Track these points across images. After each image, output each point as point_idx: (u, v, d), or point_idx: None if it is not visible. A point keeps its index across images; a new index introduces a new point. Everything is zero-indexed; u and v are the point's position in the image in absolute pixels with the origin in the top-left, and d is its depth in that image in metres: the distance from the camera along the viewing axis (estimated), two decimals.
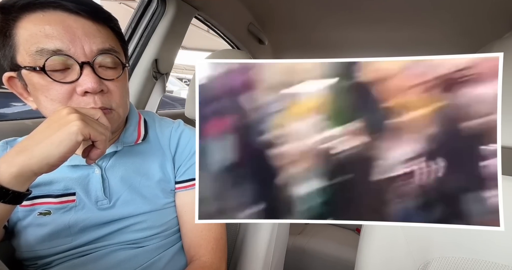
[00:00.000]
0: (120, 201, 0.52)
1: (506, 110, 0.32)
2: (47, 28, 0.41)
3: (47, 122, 0.39)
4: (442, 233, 0.52)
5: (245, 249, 0.67)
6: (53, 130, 0.38)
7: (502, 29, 1.08)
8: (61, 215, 0.49)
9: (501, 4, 0.98)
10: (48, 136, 0.37)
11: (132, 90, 0.96)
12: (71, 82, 0.43)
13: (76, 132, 0.37)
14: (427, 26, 1.20)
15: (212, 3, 1.07)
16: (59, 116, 0.39)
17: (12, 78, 0.45)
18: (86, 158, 0.43)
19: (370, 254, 0.56)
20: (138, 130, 0.56)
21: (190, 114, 0.83)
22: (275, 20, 1.35)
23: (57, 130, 0.37)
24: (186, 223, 0.56)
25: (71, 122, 0.38)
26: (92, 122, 0.40)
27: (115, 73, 0.47)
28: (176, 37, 1.03)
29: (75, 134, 0.37)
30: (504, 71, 0.30)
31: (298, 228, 1.35)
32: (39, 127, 0.39)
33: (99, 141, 0.41)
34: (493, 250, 0.49)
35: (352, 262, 0.60)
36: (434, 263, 0.52)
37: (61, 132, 0.37)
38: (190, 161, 0.57)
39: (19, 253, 0.49)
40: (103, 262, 0.50)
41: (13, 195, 0.36)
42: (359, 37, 1.40)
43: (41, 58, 0.41)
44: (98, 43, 0.44)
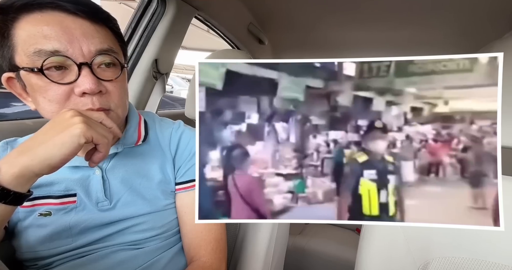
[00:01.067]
0: (121, 202, 0.52)
1: (506, 110, 0.32)
2: (45, 29, 0.41)
3: (51, 124, 0.39)
4: (442, 233, 0.52)
5: (245, 249, 0.67)
6: (56, 132, 0.38)
7: (502, 29, 1.08)
8: (62, 216, 0.49)
9: (501, 4, 0.98)
10: (51, 137, 0.37)
11: (132, 90, 0.96)
12: (69, 83, 0.43)
13: (79, 134, 0.38)
14: (427, 26, 1.20)
15: (212, 3, 1.07)
16: (62, 118, 0.39)
17: (11, 78, 0.45)
18: (89, 161, 0.43)
19: (370, 254, 0.56)
20: (138, 131, 0.56)
21: (190, 114, 0.83)
22: (275, 20, 1.35)
23: (60, 132, 0.38)
24: (186, 224, 0.56)
25: (75, 124, 0.38)
26: (95, 125, 0.40)
27: (114, 73, 0.47)
28: (176, 37, 1.03)
29: (77, 136, 0.38)
30: (504, 71, 0.30)
31: (298, 228, 1.35)
32: (42, 128, 0.39)
33: (101, 144, 0.41)
34: (493, 250, 0.49)
35: (352, 262, 0.60)
36: (434, 263, 0.52)
37: (64, 134, 0.37)
38: (190, 162, 0.57)
39: (19, 253, 0.49)
40: (103, 262, 0.50)
41: (14, 196, 0.36)
42: (359, 37, 1.40)
43: (39, 59, 0.41)
44: (96, 43, 0.44)
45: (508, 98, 0.36)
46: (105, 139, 0.41)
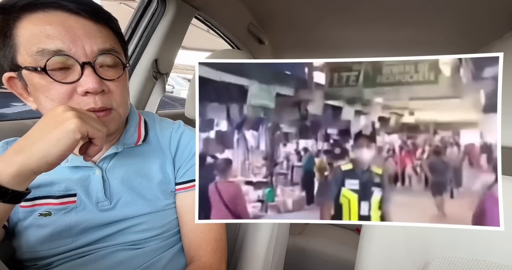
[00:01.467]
0: (121, 202, 0.52)
1: (506, 110, 0.32)
2: (47, 29, 0.41)
3: (43, 120, 0.39)
4: (442, 233, 0.52)
5: (245, 249, 0.67)
6: (50, 129, 0.37)
7: (502, 29, 1.08)
8: (62, 216, 0.49)
9: (501, 4, 0.98)
10: (46, 134, 0.37)
11: (132, 90, 0.96)
12: (72, 82, 0.43)
13: (74, 130, 0.37)
14: (427, 26, 1.20)
15: (212, 3, 1.07)
16: (54, 113, 0.39)
17: (12, 78, 0.45)
18: (84, 155, 0.43)
19: (370, 254, 0.56)
20: (138, 131, 0.56)
21: (190, 114, 0.83)
22: (275, 20, 1.35)
23: (54, 128, 0.37)
24: (186, 224, 0.56)
25: (68, 120, 0.38)
26: (89, 119, 0.40)
27: (116, 73, 0.47)
28: (176, 37, 1.03)
29: (73, 132, 0.37)
30: (504, 71, 0.30)
31: (298, 228, 1.35)
32: (36, 125, 0.39)
33: (97, 138, 0.41)
34: (493, 250, 0.49)
35: (352, 262, 0.60)
36: (434, 263, 0.52)
37: (59, 130, 0.37)
38: (190, 162, 0.57)
39: (19, 253, 0.49)
40: (103, 262, 0.50)
41: (13, 194, 0.36)
42: (359, 37, 1.40)
43: (42, 59, 0.41)
44: (98, 43, 0.44)
45: (508, 98, 0.36)
46: (100, 133, 0.41)
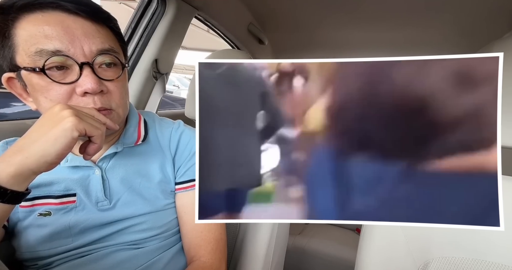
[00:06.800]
0: (121, 202, 0.52)
1: (506, 110, 0.32)
2: (46, 29, 0.41)
3: (41, 120, 0.39)
4: (442, 233, 0.52)
5: (245, 249, 0.67)
6: (48, 128, 0.37)
7: (502, 29, 1.08)
8: (62, 216, 0.49)
9: (501, 4, 0.98)
10: (43, 134, 0.37)
11: (132, 90, 0.96)
12: (70, 82, 0.43)
13: (71, 128, 0.37)
14: (427, 26, 1.20)
15: (212, 3, 1.07)
16: (51, 113, 0.39)
17: (11, 78, 0.45)
18: (83, 154, 0.43)
19: (370, 254, 0.56)
20: (138, 131, 0.56)
21: (190, 114, 0.83)
22: (275, 20, 1.35)
23: (51, 127, 0.37)
24: (186, 224, 0.56)
25: (65, 118, 0.37)
26: (86, 117, 0.40)
27: (115, 73, 0.47)
28: (176, 37, 1.03)
29: (70, 130, 0.37)
30: (504, 71, 0.30)
31: (298, 228, 1.35)
32: (34, 125, 0.39)
33: (95, 136, 0.41)
34: (493, 250, 0.49)
35: (352, 262, 0.60)
36: (434, 263, 0.52)
37: (56, 129, 0.37)
38: (190, 162, 0.57)
39: (19, 253, 0.49)
40: (103, 262, 0.50)
41: (12, 194, 0.35)
42: (359, 37, 1.40)
43: (40, 59, 0.41)
44: (97, 43, 0.44)
45: (508, 98, 0.36)
46: (98, 131, 0.41)
